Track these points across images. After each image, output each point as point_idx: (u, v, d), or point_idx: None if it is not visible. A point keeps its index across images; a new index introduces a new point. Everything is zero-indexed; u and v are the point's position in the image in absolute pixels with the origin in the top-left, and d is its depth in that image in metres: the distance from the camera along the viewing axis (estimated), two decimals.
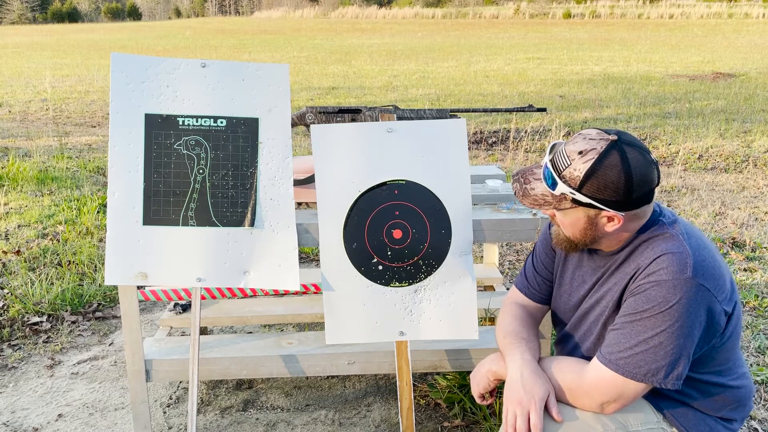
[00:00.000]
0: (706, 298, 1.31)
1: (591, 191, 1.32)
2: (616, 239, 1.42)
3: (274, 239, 1.89)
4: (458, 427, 2.11)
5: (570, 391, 1.39)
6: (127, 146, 1.85)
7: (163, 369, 1.99)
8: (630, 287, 1.37)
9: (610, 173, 1.30)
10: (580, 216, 1.38)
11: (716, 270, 1.34)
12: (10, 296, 3.03)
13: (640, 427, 1.41)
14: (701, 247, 1.36)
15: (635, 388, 1.34)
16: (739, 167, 5.54)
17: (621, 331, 1.35)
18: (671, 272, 1.31)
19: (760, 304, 2.93)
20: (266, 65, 1.91)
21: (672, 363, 1.31)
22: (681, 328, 1.30)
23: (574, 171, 1.33)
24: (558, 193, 1.36)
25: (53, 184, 5.03)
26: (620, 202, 1.32)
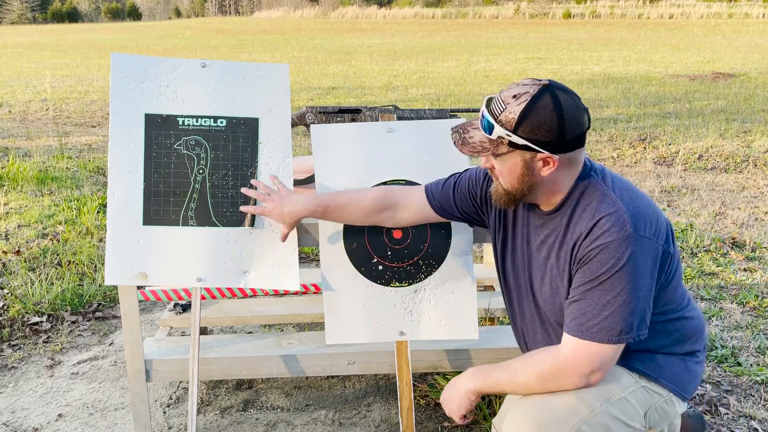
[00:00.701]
0: (650, 246, 1.37)
1: (526, 132, 1.36)
2: (551, 190, 1.46)
3: (274, 239, 1.89)
4: (458, 427, 2.11)
5: (552, 375, 1.41)
6: (127, 146, 1.85)
7: (163, 369, 1.99)
8: (576, 256, 1.41)
9: (543, 114, 1.34)
10: (517, 161, 1.41)
11: (651, 216, 1.40)
12: (10, 296, 3.03)
13: (623, 394, 1.45)
14: (633, 199, 1.42)
15: (613, 350, 1.38)
16: (739, 167, 5.54)
17: (583, 300, 1.38)
18: (613, 232, 1.36)
19: (760, 304, 2.94)
20: (266, 65, 1.91)
21: (639, 316, 1.37)
22: (638, 281, 1.36)
23: (509, 114, 1.36)
24: (495, 137, 1.39)
25: (53, 184, 5.03)
26: (554, 143, 1.36)
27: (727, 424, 2.09)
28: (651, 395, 1.48)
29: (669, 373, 1.50)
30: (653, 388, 1.49)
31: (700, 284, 3.18)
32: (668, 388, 1.49)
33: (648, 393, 1.48)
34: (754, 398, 2.23)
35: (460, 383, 1.55)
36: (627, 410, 1.45)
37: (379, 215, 1.75)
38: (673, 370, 1.51)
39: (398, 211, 1.75)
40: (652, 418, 1.49)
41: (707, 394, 2.23)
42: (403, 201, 1.74)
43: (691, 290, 3.11)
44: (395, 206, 1.74)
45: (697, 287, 3.14)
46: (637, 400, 1.46)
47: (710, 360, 2.47)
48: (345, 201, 1.74)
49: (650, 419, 1.49)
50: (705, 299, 3.02)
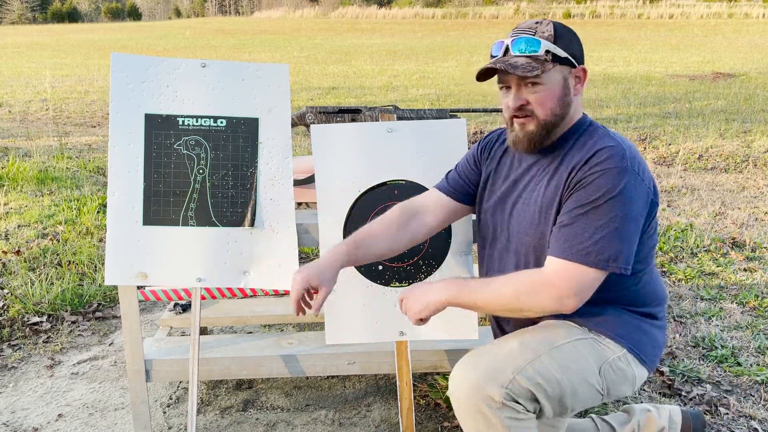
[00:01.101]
0: (642, 186, 1.41)
1: (564, 44, 1.44)
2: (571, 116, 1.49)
3: (274, 239, 1.89)
4: (458, 427, 2.11)
5: (529, 290, 1.38)
6: (127, 146, 1.85)
7: (163, 369, 1.99)
8: (572, 182, 1.42)
9: (568, 30, 1.47)
10: (558, 79, 1.44)
11: (644, 165, 1.44)
12: (10, 296, 3.03)
13: (569, 339, 1.44)
14: (631, 146, 1.47)
15: (595, 276, 1.37)
16: (739, 167, 5.54)
17: (575, 223, 1.38)
18: (613, 161, 1.38)
19: (760, 304, 2.94)
20: (266, 65, 1.91)
21: (627, 247, 1.37)
22: (630, 212, 1.37)
23: (545, 32, 1.44)
24: (542, 52, 1.42)
25: (53, 184, 5.03)
26: (581, 56, 1.48)
27: (727, 424, 2.09)
28: (602, 348, 1.46)
29: (620, 329, 1.48)
30: (603, 342, 1.47)
31: (700, 284, 3.18)
32: (621, 343, 1.47)
33: (599, 345, 1.46)
34: (754, 398, 2.23)
35: (432, 290, 1.48)
36: (577, 359, 1.42)
37: (408, 230, 1.67)
38: (625, 326, 1.49)
39: (424, 216, 1.69)
40: (607, 375, 1.46)
41: (707, 394, 2.23)
42: (423, 206, 1.70)
43: (691, 290, 3.11)
44: (419, 213, 1.69)
45: (697, 287, 3.14)
46: (588, 351, 1.44)
47: (710, 360, 2.47)
48: (370, 233, 1.64)
49: (606, 377, 1.46)
50: (705, 299, 3.02)
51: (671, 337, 2.65)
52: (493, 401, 1.36)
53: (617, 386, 1.48)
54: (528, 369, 1.38)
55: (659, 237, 3.80)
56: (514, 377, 1.37)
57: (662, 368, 2.40)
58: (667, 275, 3.30)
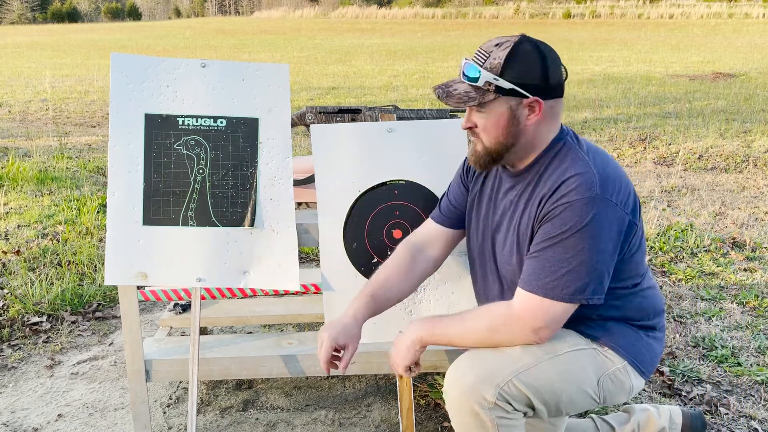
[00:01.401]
0: (615, 211, 1.37)
1: (512, 76, 1.37)
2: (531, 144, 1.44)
3: (274, 239, 1.89)
4: None
5: (503, 326, 1.40)
6: (127, 146, 1.85)
7: (163, 369, 1.99)
8: (540, 213, 1.40)
9: (528, 57, 1.37)
10: (503, 110, 1.40)
11: (620, 184, 1.40)
12: (10, 296, 3.03)
13: (570, 349, 1.45)
14: (605, 164, 1.42)
15: (564, 309, 1.37)
16: (739, 167, 5.54)
17: (542, 256, 1.37)
18: (580, 192, 1.35)
19: (760, 304, 2.94)
20: (266, 65, 1.91)
21: (596, 279, 1.36)
22: (598, 244, 1.35)
23: (495, 59, 1.37)
24: (482, 84, 1.38)
25: (53, 184, 5.03)
26: (539, 87, 1.38)
27: (727, 424, 2.09)
28: (603, 360, 1.47)
29: (622, 341, 1.49)
30: (606, 353, 1.48)
31: (700, 284, 3.17)
32: (622, 355, 1.48)
33: (600, 356, 1.47)
34: (754, 398, 2.23)
35: (405, 333, 1.51)
36: (576, 370, 1.43)
37: (418, 269, 1.68)
38: (627, 339, 1.50)
39: (429, 251, 1.70)
40: (605, 386, 1.47)
41: (707, 394, 2.23)
42: (425, 241, 1.71)
43: (691, 290, 3.11)
44: (423, 250, 1.70)
45: (697, 287, 3.14)
46: (588, 361, 1.45)
47: (710, 360, 2.47)
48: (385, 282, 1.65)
49: (604, 387, 1.47)
50: (705, 299, 3.02)
51: (671, 337, 2.65)
52: (486, 401, 1.38)
53: (614, 396, 1.51)
54: (526, 374, 1.39)
55: (659, 237, 3.80)
56: (510, 379, 1.38)
57: (662, 368, 2.40)
58: (667, 275, 3.30)
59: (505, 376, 1.38)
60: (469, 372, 1.41)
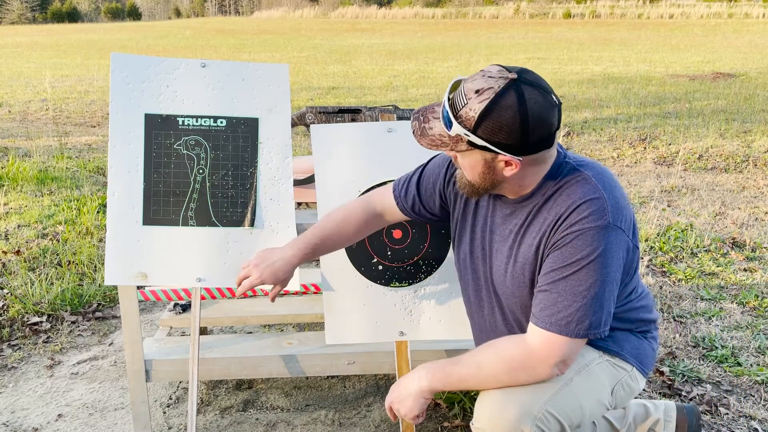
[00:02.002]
0: (623, 240, 1.34)
1: (486, 133, 1.27)
2: (518, 185, 1.40)
3: (274, 239, 1.89)
4: (458, 427, 2.11)
5: (523, 366, 1.36)
6: (127, 146, 1.85)
7: (163, 369, 1.99)
8: (551, 239, 1.36)
9: (506, 114, 1.25)
10: (477, 159, 1.34)
11: (626, 209, 1.37)
12: (10, 296, 3.03)
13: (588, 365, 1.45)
14: (613, 188, 1.37)
15: (578, 344, 1.36)
16: (739, 167, 5.53)
17: (554, 290, 1.33)
18: (592, 220, 1.31)
19: (760, 304, 2.94)
20: (266, 65, 1.91)
21: (607, 311, 1.35)
22: (609, 275, 1.32)
23: (470, 111, 1.27)
24: (453, 135, 1.31)
25: (53, 184, 5.03)
26: (516, 146, 1.28)
27: (727, 424, 2.09)
28: (617, 370, 1.49)
29: (628, 347, 1.51)
30: (617, 363, 1.49)
31: (700, 284, 3.17)
32: (630, 362, 1.50)
33: (613, 367, 1.48)
34: (754, 398, 2.23)
35: (411, 382, 1.46)
36: (595, 385, 1.44)
37: (366, 230, 1.72)
38: (632, 344, 1.52)
39: (382, 218, 1.72)
40: (618, 395, 1.50)
41: (707, 394, 2.23)
42: (381, 208, 1.70)
43: (691, 290, 3.11)
44: (377, 215, 1.71)
45: (697, 287, 3.14)
46: (604, 373, 1.46)
47: (710, 360, 2.47)
48: (331, 232, 1.67)
49: (617, 396, 1.50)
50: (705, 299, 3.02)
51: (671, 337, 2.65)
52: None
53: (624, 401, 1.54)
54: (556, 399, 1.38)
55: (659, 237, 3.80)
56: (545, 409, 1.37)
57: (662, 368, 2.40)
58: (667, 275, 3.30)
59: (539, 408, 1.37)
60: (505, 408, 1.37)
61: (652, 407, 1.82)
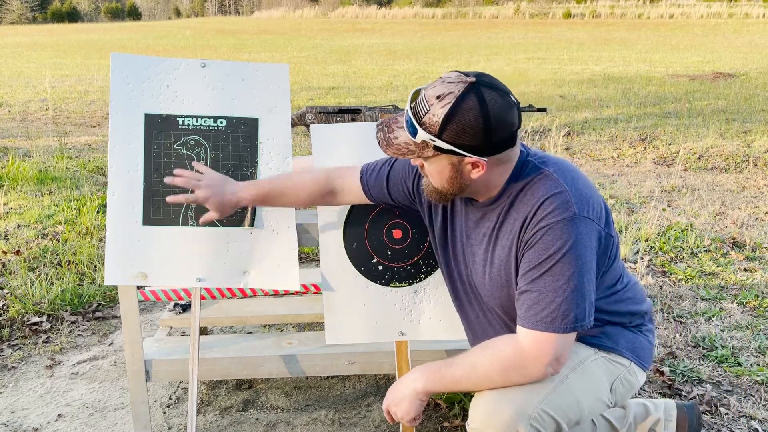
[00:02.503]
0: (593, 228, 1.36)
1: (451, 137, 1.30)
2: (486, 187, 1.42)
3: (274, 239, 1.89)
4: (458, 427, 2.11)
5: (516, 366, 1.37)
6: (127, 146, 1.85)
7: (163, 369, 1.99)
8: (522, 239, 1.38)
9: (468, 117, 1.28)
10: (444, 164, 1.36)
11: (592, 199, 1.39)
12: (10, 296, 3.03)
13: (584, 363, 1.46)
14: (575, 180, 1.39)
15: (568, 338, 1.36)
16: (739, 167, 5.53)
17: (534, 289, 1.35)
18: (558, 213, 1.34)
19: (760, 304, 2.94)
20: (266, 65, 1.91)
21: (589, 301, 1.36)
22: (585, 265, 1.34)
23: (433, 117, 1.30)
24: (419, 141, 1.33)
25: (53, 184, 5.03)
26: (481, 147, 1.31)
27: (727, 424, 2.09)
28: (614, 366, 1.49)
29: (623, 342, 1.51)
30: (614, 359, 1.49)
31: (700, 284, 3.18)
32: (627, 356, 1.50)
33: (610, 363, 1.49)
34: (754, 398, 2.23)
35: (406, 385, 1.47)
36: (592, 382, 1.45)
37: (316, 201, 1.76)
38: (626, 338, 1.52)
39: (337, 196, 1.75)
40: (617, 390, 1.50)
41: (707, 394, 2.23)
42: (340, 187, 1.73)
43: (691, 290, 3.11)
44: (334, 192, 1.73)
45: (697, 287, 3.14)
46: (600, 370, 1.47)
47: (710, 360, 2.47)
48: (284, 189, 1.74)
49: (616, 392, 1.50)
50: (705, 299, 3.02)
51: (671, 337, 2.65)
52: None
53: (624, 397, 1.54)
54: (551, 398, 1.39)
55: (659, 237, 3.80)
56: (539, 409, 1.37)
57: (662, 368, 2.40)
58: (667, 275, 3.30)
59: (534, 407, 1.37)
60: (500, 408, 1.37)
61: (652, 407, 1.82)
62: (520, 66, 14.38)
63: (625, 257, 3.52)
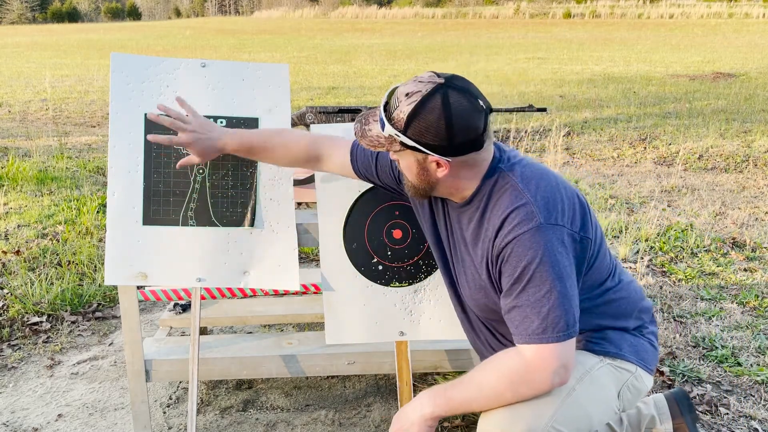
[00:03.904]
0: (561, 233, 1.35)
1: (414, 134, 1.33)
2: (455, 188, 1.43)
3: (274, 239, 1.89)
4: (458, 427, 2.11)
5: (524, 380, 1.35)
6: (127, 146, 1.85)
7: (163, 369, 1.99)
8: (493, 255, 1.39)
9: (430, 117, 1.31)
10: (411, 160, 1.39)
11: (559, 203, 1.38)
12: (10, 296, 3.03)
13: (590, 372, 1.45)
14: (540, 187, 1.39)
15: (565, 345, 1.34)
16: (739, 167, 5.54)
17: (520, 304, 1.34)
18: (523, 225, 1.34)
19: (760, 304, 2.94)
20: (266, 65, 1.91)
21: (575, 306, 1.35)
22: (562, 271, 1.33)
23: (400, 113, 1.33)
24: (387, 135, 1.37)
25: (53, 184, 5.03)
26: (443, 147, 1.33)
27: (727, 424, 2.09)
28: (620, 372, 1.48)
29: (626, 347, 1.50)
30: (620, 365, 1.48)
31: (700, 284, 3.18)
32: (632, 361, 1.49)
33: (616, 370, 1.48)
34: (754, 398, 2.23)
35: (413, 411, 1.44)
36: (600, 391, 1.44)
37: (302, 164, 1.75)
38: (629, 342, 1.51)
39: (322, 163, 1.74)
40: (625, 397, 1.49)
41: (707, 394, 2.23)
42: (328, 154, 1.72)
43: (691, 290, 3.11)
44: (320, 158, 1.73)
45: (698, 287, 3.14)
46: (607, 377, 1.46)
47: (710, 360, 2.47)
48: (271, 143, 1.72)
49: (624, 399, 1.49)
50: (705, 299, 3.02)
51: (671, 338, 2.65)
52: None
53: (632, 404, 1.53)
54: (561, 413, 1.38)
55: (659, 237, 3.80)
56: (551, 426, 1.36)
57: (662, 368, 2.40)
58: (668, 275, 3.30)
59: (545, 424, 1.36)
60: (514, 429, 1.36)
61: (643, 406, 1.82)
62: (520, 66, 14.38)
63: (625, 257, 3.52)
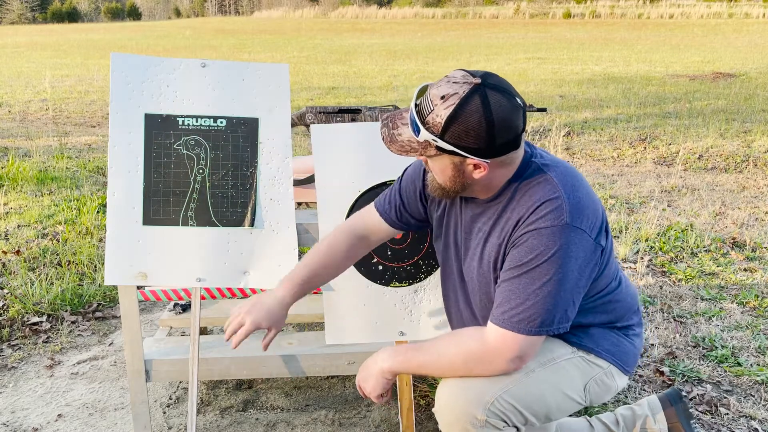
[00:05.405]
0: (583, 239, 1.34)
1: (453, 138, 1.29)
2: (487, 186, 1.42)
3: (274, 239, 1.89)
4: None
5: (479, 358, 1.38)
6: (127, 146, 1.85)
7: (163, 369, 1.99)
8: (512, 238, 1.38)
9: (471, 119, 1.27)
10: (446, 163, 1.36)
11: (590, 208, 1.37)
12: (10, 296, 3.03)
13: (557, 360, 1.46)
14: (575, 188, 1.38)
15: (533, 340, 1.35)
16: (739, 167, 5.53)
17: (509, 287, 1.35)
18: (549, 219, 1.33)
19: (760, 304, 2.94)
20: (266, 65, 1.91)
21: (562, 309, 1.34)
22: (565, 275, 1.32)
23: (437, 117, 1.29)
24: (422, 140, 1.33)
25: (53, 184, 5.03)
26: (483, 149, 1.30)
27: (727, 424, 2.09)
28: (590, 366, 1.49)
29: (606, 345, 1.50)
30: (592, 360, 1.49)
31: (700, 284, 3.18)
32: (606, 359, 1.50)
33: (587, 363, 1.48)
34: (754, 398, 2.23)
35: (375, 362, 1.49)
36: (563, 379, 1.45)
37: (353, 256, 1.69)
38: (610, 341, 1.51)
39: (368, 240, 1.70)
40: (592, 390, 1.50)
41: (707, 394, 2.23)
42: (366, 231, 1.68)
43: (691, 290, 3.11)
44: (364, 239, 1.69)
45: (697, 287, 3.14)
46: (575, 369, 1.47)
47: (710, 360, 2.47)
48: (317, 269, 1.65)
49: (590, 392, 1.50)
50: (705, 299, 3.02)
51: (671, 337, 2.65)
52: (477, 420, 1.39)
53: (600, 398, 1.53)
54: (516, 389, 1.40)
55: (659, 237, 3.80)
56: (499, 396, 1.39)
57: (662, 368, 2.40)
58: (667, 275, 3.30)
59: (493, 394, 1.39)
60: (460, 394, 1.40)
61: (638, 408, 1.84)
62: (520, 66, 14.38)
63: (625, 257, 3.52)
